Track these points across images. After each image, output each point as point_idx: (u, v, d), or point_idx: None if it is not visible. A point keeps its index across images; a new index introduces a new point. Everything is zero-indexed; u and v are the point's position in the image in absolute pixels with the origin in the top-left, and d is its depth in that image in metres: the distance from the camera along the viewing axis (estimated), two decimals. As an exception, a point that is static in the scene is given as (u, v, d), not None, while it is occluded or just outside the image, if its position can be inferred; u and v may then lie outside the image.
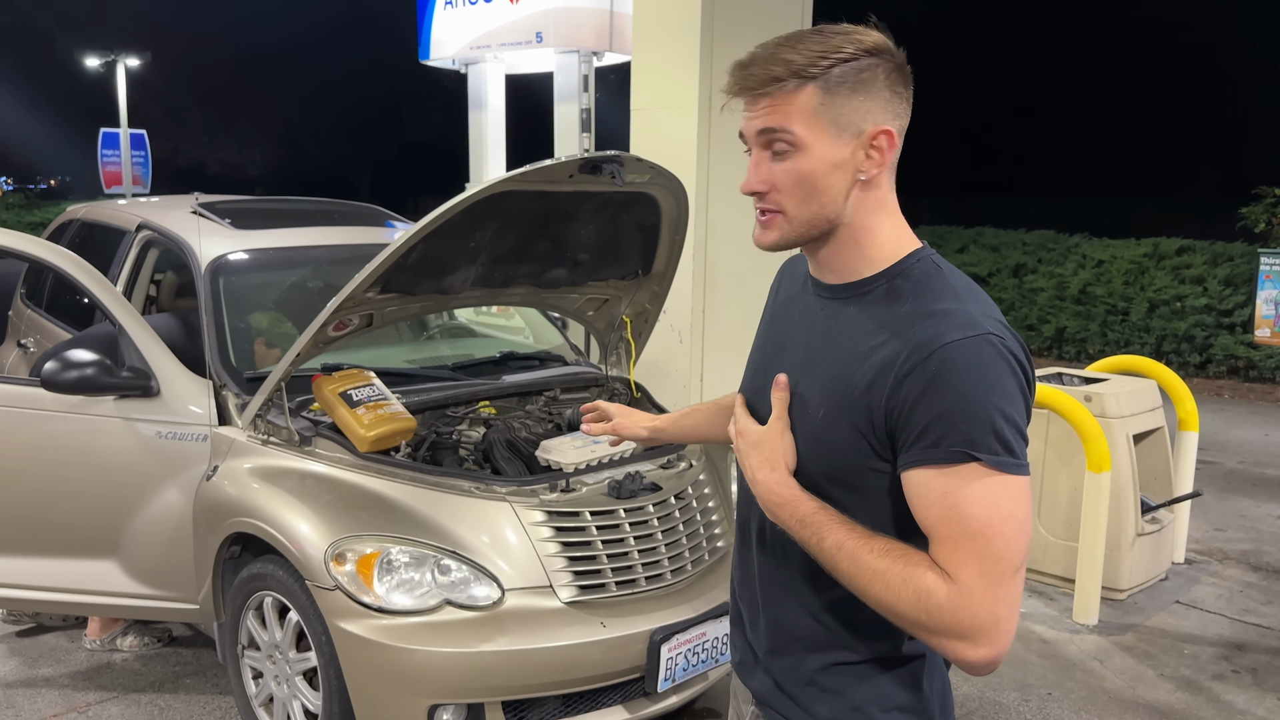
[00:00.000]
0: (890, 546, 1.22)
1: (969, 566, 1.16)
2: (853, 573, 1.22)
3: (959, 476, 1.17)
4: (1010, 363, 1.20)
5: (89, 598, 3.34)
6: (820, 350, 1.33)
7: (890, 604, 1.20)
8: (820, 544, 1.25)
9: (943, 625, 1.16)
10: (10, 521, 3.34)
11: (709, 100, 4.55)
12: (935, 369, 1.18)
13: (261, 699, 3.06)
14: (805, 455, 1.31)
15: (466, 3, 6.38)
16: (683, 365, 4.73)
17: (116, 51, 20.88)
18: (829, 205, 1.28)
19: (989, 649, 1.16)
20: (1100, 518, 4.09)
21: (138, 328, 3.32)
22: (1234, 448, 7.35)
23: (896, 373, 1.20)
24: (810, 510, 1.27)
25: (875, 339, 1.25)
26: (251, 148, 41.58)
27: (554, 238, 3.15)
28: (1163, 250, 10.65)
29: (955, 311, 1.22)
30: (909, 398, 1.19)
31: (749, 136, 1.29)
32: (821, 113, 1.23)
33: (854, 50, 1.23)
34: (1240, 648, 4.02)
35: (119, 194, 18.02)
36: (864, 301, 1.30)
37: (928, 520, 1.21)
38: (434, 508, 2.80)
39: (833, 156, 1.25)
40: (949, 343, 1.18)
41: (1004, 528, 1.16)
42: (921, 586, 1.17)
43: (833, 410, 1.27)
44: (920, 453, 1.19)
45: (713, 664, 2.91)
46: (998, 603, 1.16)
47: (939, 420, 1.17)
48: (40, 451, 3.32)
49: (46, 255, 3.44)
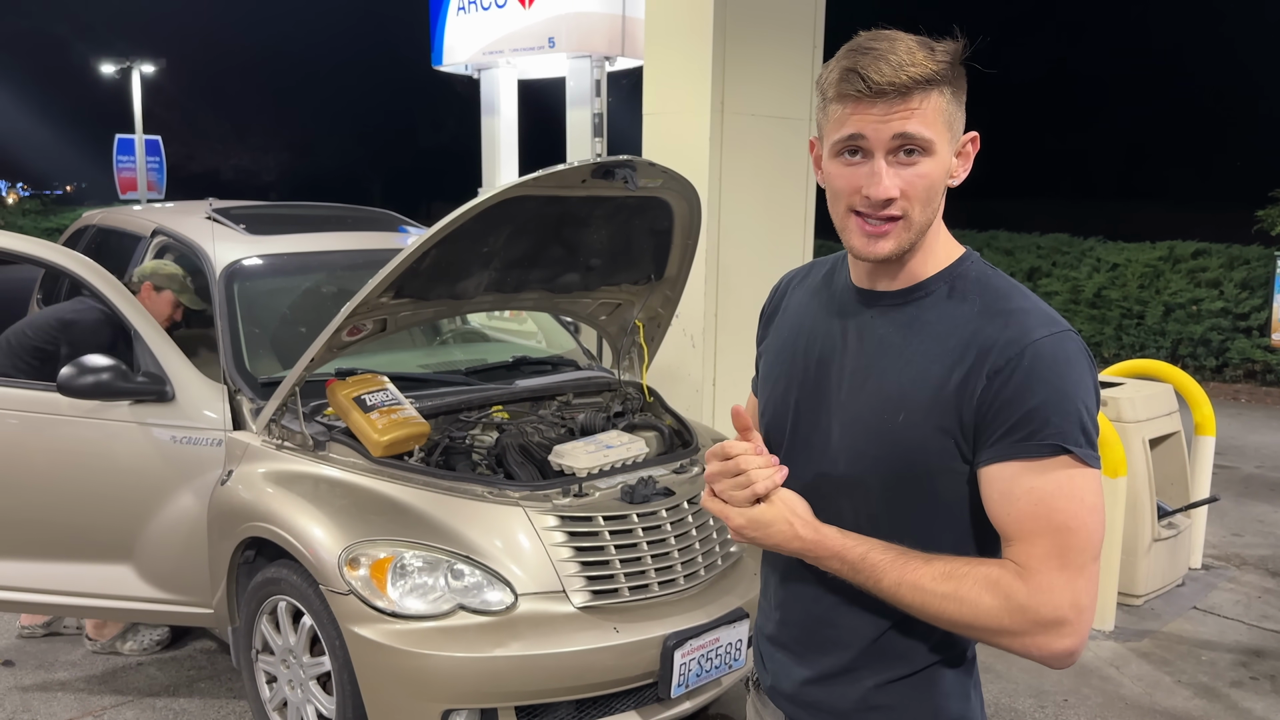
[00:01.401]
0: (949, 567, 1.21)
1: (1051, 559, 1.17)
2: (919, 603, 1.21)
3: (1048, 469, 1.18)
4: (1089, 359, 1.23)
5: (105, 602, 3.35)
6: (887, 356, 1.31)
7: (969, 620, 1.20)
8: (878, 585, 1.24)
9: (1026, 623, 1.17)
10: (27, 525, 3.36)
11: (721, 104, 4.55)
12: (1029, 364, 1.19)
13: (275, 703, 3.06)
14: (883, 460, 1.29)
15: (479, 8, 6.40)
16: (695, 369, 4.72)
17: (132, 58, 21.05)
18: (937, 211, 1.29)
19: (1073, 639, 1.17)
20: (1116, 523, 4.06)
21: (153, 333, 3.34)
22: (1251, 452, 7.29)
23: (989, 369, 1.21)
24: (859, 556, 1.25)
25: (954, 339, 1.25)
26: (265, 154, 41.88)
27: (567, 242, 3.16)
28: (1178, 253, 10.59)
29: (1033, 309, 1.25)
30: (1001, 393, 1.20)
31: (876, 140, 1.22)
32: (945, 117, 1.24)
33: (954, 57, 1.23)
34: (1258, 654, 3.98)
35: (134, 200, 18.13)
36: (926, 303, 1.30)
37: (1010, 515, 1.20)
38: (447, 512, 2.80)
39: (948, 162, 1.27)
40: (1040, 338, 1.21)
41: (1088, 519, 1.18)
42: (1001, 589, 1.18)
43: (916, 412, 1.26)
44: (1009, 447, 1.20)
45: (726, 670, 2.90)
46: (1079, 592, 1.17)
47: (1032, 414, 1.18)
48: (56, 456, 3.34)
49: (62, 260, 3.46)
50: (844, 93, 1.23)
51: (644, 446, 3.19)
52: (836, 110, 1.25)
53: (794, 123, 4.83)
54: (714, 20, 4.50)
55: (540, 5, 6.06)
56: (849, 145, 1.24)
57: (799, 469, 1.36)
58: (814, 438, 1.37)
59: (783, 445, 1.42)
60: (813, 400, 1.38)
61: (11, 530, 3.36)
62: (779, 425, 1.44)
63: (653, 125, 4.84)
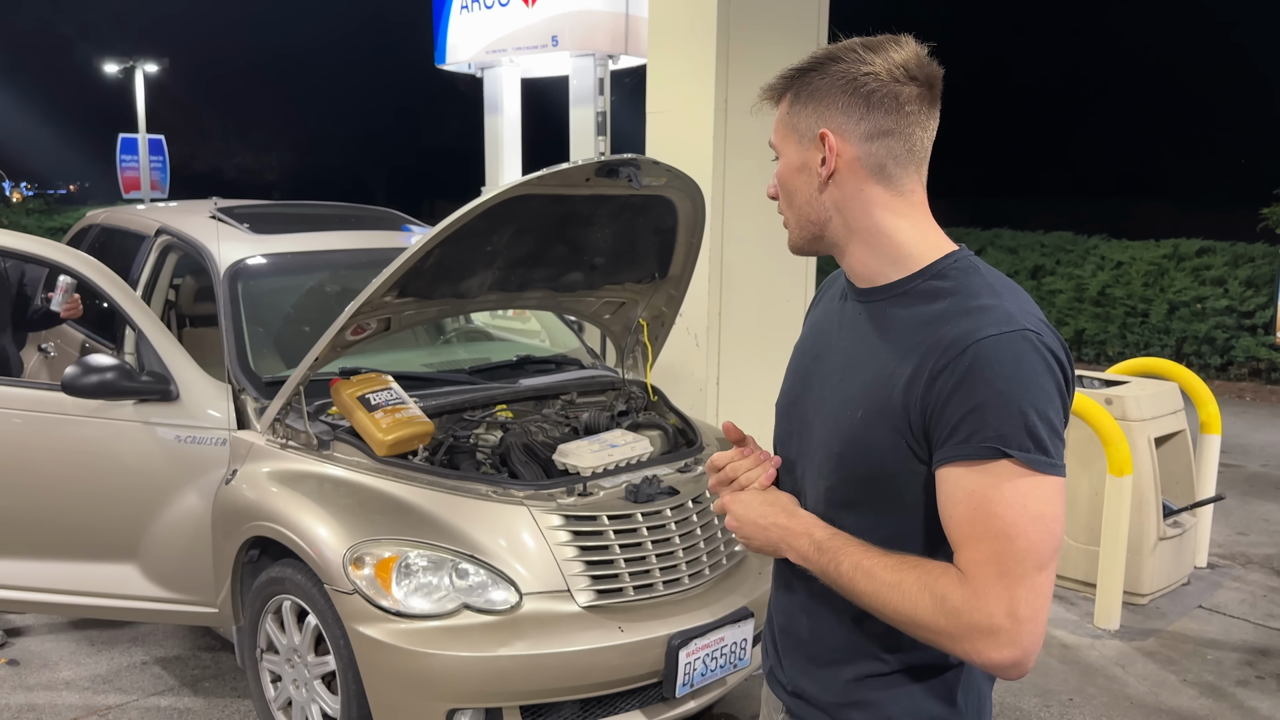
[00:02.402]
0: (904, 560, 1.22)
1: (988, 566, 1.15)
2: (870, 590, 1.22)
3: (989, 474, 1.16)
4: (1047, 360, 1.18)
5: (110, 601, 3.36)
6: (860, 352, 1.33)
7: (910, 614, 1.19)
8: (838, 568, 1.25)
9: (962, 628, 1.16)
10: (32, 525, 3.37)
11: (725, 103, 4.54)
12: (969, 364, 1.17)
13: (280, 702, 3.06)
14: (846, 457, 1.30)
15: (482, 7, 6.40)
16: (699, 368, 4.72)
17: (135, 57, 21.05)
18: (811, 207, 1.34)
19: (1011, 649, 1.15)
20: (1122, 522, 4.06)
21: (157, 332, 3.34)
22: (1256, 451, 7.28)
23: (931, 369, 1.20)
24: (825, 535, 1.28)
25: (912, 338, 1.25)
26: (269, 153, 41.84)
27: (570, 241, 3.15)
28: (1183, 251, 10.56)
29: (992, 308, 1.22)
30: (942, 394, 1.19)
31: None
32: (787, 121, 1.34)
33: (808, 64, 1.32)
34: (1264, 653, 3.97)
35: (137, 199, 18.14)
36: (903, 302, 1.30)
37: (952, 519, 1.20)
38: (451, 512, 2.80)
39: (796, 161, 1.34)
40: (983, 338, 1.18)
41: (1029, 528, 1.15)
42: (938, 591, 1.17)
43: (871, 411, 1.26)
44: (952, 449, 1.18)
45: (731, 669, 2.90)
46: (1017, 602, 1.14)
47: (971, 416, 1.16)
48: (62, 456, 3.34)
49: (65, 259, 3.47)
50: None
51: (648, 445, 3.19)
52: None
53: (798, 121, 4.81)
54: (717, 18, 4.49)
55: (543, 4, 6.06)
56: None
57: (793, 461, 1.41)
58: (804, 432, 1.40)
59: (783, 439, 1.47)
60: (805, 396, 1.41)
61: (17, 529, 3.37)
62: (779, 419, 1.47)
63: (656, 124, 4.83)
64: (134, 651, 3.82)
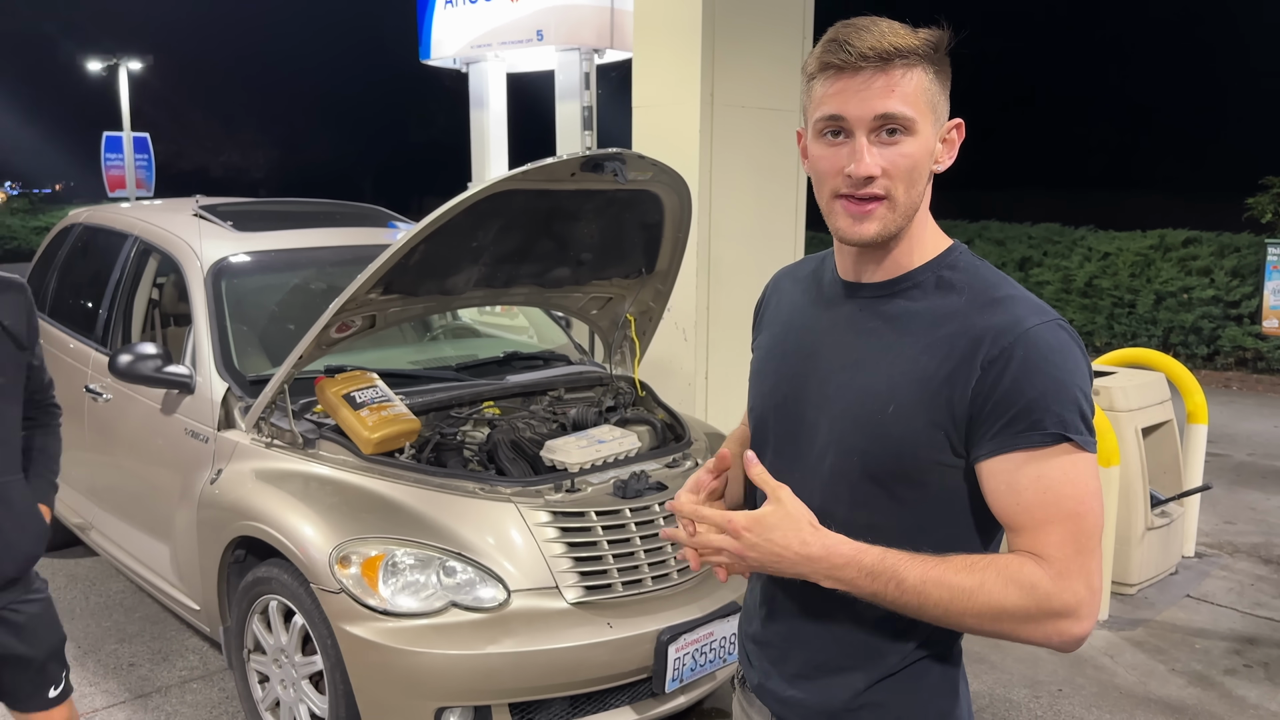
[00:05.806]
0: (969, 561, 1.20)
1: (1066, 545, 1.18)
2: (946, 599, 1.18)
3: (1052, 457, 1.18)
4: (1081, 346, 1.23)
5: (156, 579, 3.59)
6: (869, 347, 1.30)
7: (995, 613, 1.18)
8: (900, 587, 1.19)
9: (1049, 610, 1.17)
10: (114, 490, 3.85)
11: (711, 97, 4.53)
12: (1023, 354, 1.18)
13: (268, 703, 3.05)
14: (872, 453, 1.27)
15: (467, 2, 6.37)
16: (687, 363, 4.71)
17: (119, 55, 20.93)
18: (923, 196, 1.27)
19: (1089, 621, 1.19)
20: (1110, 512, 4.06)
21: (203, 324, 3.45)
22: (1243, 440, 7.31)
23: (983, 359, 1.20)
24: (876, 558, 1.20)
25: (943, 330, 1.24)
26: (254, 150, 41.70)
27: (557, 237, 3.14)
28: (1169, 242, 10.61)
29: (1020, 298, 1.24)
30: (999, 384, 1.19)
31: (857, 119, 1.21)
32: (928, 98, 1.22)
33: (938, 41, 1.22)
34: (1252, 642, 3.99)
35: (122, 198, 18.05)
36: (914, 294, 1.29)
37: (1019, 506, 1.20)
38: (439, 509, 2.78)
39: (932, 144, 1.25)
40: (1031, 327, 1.20)
41: (1093, 504, 1.19)
42: (1025, 581, 1.17)
43: (905, 404, 1.24)
44: (1012, 438, 1.19)
45: (720, 664, 2.89)
46: (1091, 574, 1.18)
47: (1033, 405, 1.18)
48: (134, 430, 3.69)
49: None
50: (826, 63, 1.22)
51: (636, 441, 3.18)
52: (819, 88, 1.24)
53: (784, 114, 4.81)
54: (703, 12, 4.48)
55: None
56: (831, 126, 1.23)
57: (786, 465, 1.35)
58: (801, 433, 1.36)
59: (769, 442, 1.41)
60: (800, 396, 1.37)
61: (110, 494, 3.85)
62: (765, 422, 1.43)
63: (642, 118, 4.82)
64: (121, 653, 3.80)
